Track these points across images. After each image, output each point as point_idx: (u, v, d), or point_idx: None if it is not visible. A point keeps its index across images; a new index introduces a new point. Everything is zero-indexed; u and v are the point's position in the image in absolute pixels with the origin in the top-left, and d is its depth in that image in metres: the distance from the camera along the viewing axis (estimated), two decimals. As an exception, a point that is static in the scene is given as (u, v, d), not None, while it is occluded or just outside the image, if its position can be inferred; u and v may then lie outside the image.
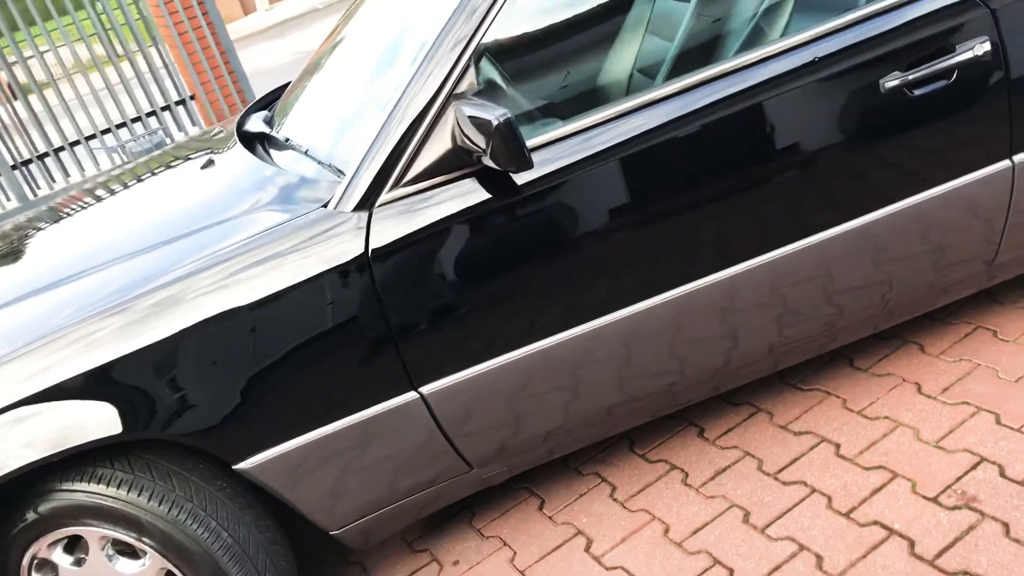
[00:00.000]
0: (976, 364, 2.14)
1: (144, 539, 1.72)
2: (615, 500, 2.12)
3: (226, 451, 1.72)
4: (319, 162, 1.87)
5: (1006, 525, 1.72)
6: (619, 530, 2.03)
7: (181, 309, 1.66)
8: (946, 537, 1.74)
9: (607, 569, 1.94)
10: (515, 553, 2.07)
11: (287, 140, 2.03)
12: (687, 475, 2.12)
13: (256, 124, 2.30)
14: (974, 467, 1.87)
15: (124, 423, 1.66)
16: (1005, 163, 1.86)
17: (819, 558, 1.79)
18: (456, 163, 1.68)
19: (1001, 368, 2.10)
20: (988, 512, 1.76)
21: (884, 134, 1.80)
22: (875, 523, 1.82)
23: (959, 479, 1.86)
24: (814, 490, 1.95)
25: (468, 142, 1.61)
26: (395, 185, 1.70)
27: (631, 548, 1.97)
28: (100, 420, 1.65)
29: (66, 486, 1.70)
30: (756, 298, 1.86)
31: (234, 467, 1.73)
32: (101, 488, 1.69)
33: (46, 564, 1.81)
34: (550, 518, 2.14)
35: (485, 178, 1.70)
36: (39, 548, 1.77)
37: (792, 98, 1.77)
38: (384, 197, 1.70)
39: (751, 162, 1.79)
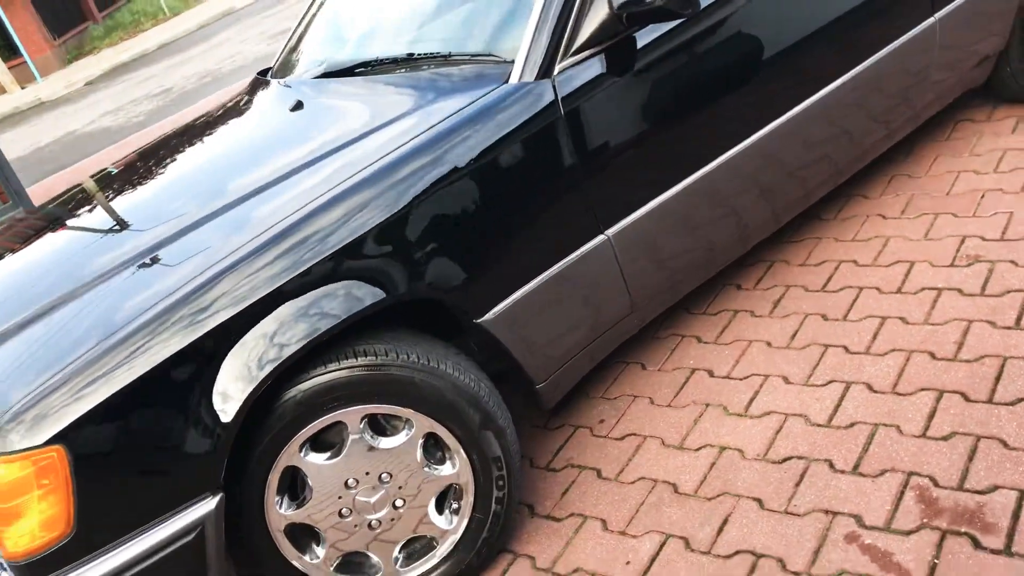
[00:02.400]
0: (911, 194, 2.82)
1: (409, 404, 1.79)
2: (705, 343, 2.48)
3: (472, 305, 1.86)
4: (471, 56, 2.08)
5: (1013, 262, 2.35)
6: (727, 358, 2.39)
7: (413, 179, 1.80)
8: (979, 280, 2.32)
9: (742, 380, 2.29)
10: (650, 398, 2.34)
11: (411, 55, 2.20)
12: (752, 312, 2.54)
13: (332, 60, 2.45)
14: (963, 242, 2.50)
15: (387, 290, 1.75)
16: (931, 20, 2.55)
17: (903, 319, 2.29)
18: (612, 30, 2.00)
19: (927, 192, 2.79)
20: (994, 259, 2.38)
21: (858, 8, 2.41)
22: (923, 289, 2.37)
23: (958, 250, 2.47)
24: (862, 288, 2.47)
25: (634, 4, 1.95)
26: (564, 55, 1.98)
27: (749, 363, 2.34)
28: (365, 291, 1.73)
29: (331, 367, 1.73)
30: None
31: (476, 320, 1.87)
32: (369, 360, 1.75)
33: (286, 477, 1.78)
34: (659, 370, 2.44)
35: (632, 42, 2.04)
36: (289, 452, 1.75)
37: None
38: (559, 66, 1.97)
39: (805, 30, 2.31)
